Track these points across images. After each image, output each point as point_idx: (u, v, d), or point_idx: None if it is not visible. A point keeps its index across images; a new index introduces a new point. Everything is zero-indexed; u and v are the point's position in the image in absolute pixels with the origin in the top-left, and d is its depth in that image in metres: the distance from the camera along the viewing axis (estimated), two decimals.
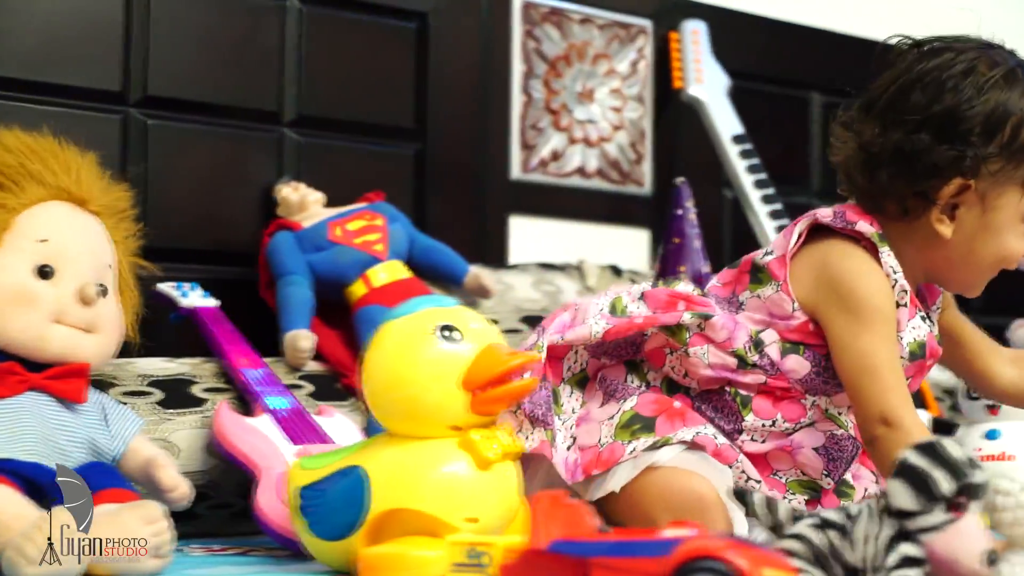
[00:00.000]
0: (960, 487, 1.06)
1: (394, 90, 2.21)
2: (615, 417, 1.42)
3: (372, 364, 1.29)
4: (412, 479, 1.26)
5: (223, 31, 2.06)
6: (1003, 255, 1.45)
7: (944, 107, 1.41)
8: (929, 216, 1.43)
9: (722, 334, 1.43)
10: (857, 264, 1.43)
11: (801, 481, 1.47)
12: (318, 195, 2.01)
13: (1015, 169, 1.42)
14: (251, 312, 1.95)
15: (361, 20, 2.18)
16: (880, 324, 1.40)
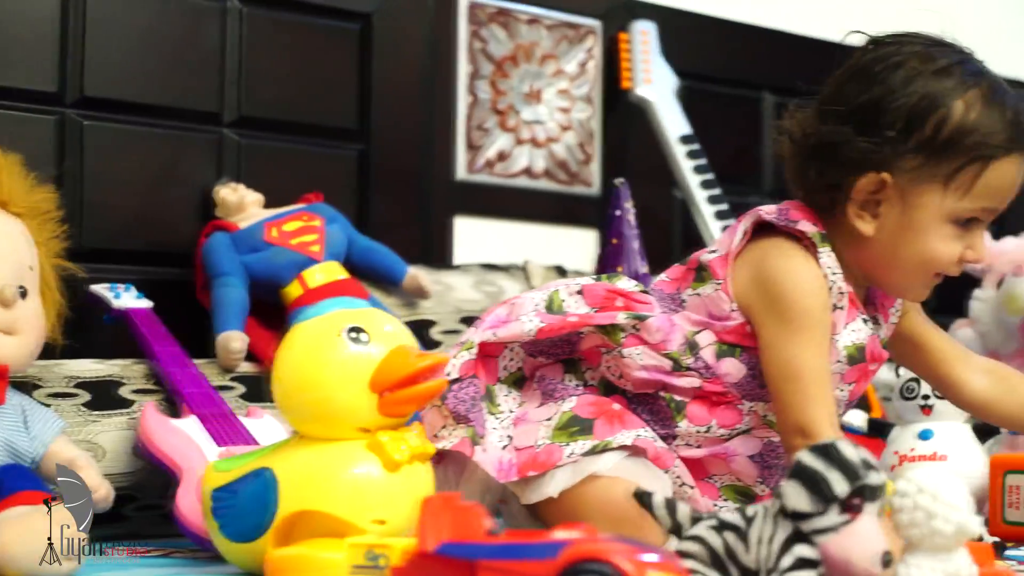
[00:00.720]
0: (855, 489, 1.06)
1: (337, 91, 2.21)
2: (553, 419, 1.40)
3: (281, 366, 1.29)
4: (320, 481, 1.26)
5: (162, 32, 2.05)
6: (927, 257, 1.40)
7: (869, 98, 1.38)
8: (849, 215, 1.40)
9: (657, 336, 1.41)
10: (792, 264, 1.40)
11: (735, 487, 1.46)
12: (256, 196, 2.01)
13: (937, 167, 1.37)
14: (189, 314, 1.95)
15: (303, 21, 2.18)
16: (809, 330, 1.37)
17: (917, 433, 1.84)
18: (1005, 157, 1.37)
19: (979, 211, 1.39)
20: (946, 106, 1.37)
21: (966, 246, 1.41)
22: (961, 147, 1.36)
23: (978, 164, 1.37)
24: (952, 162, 1.37)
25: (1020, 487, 1.69)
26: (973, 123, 1.36)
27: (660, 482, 1.38)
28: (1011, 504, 1.69)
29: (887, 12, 3.05)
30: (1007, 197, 1.41)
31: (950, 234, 1.39)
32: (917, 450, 1.83)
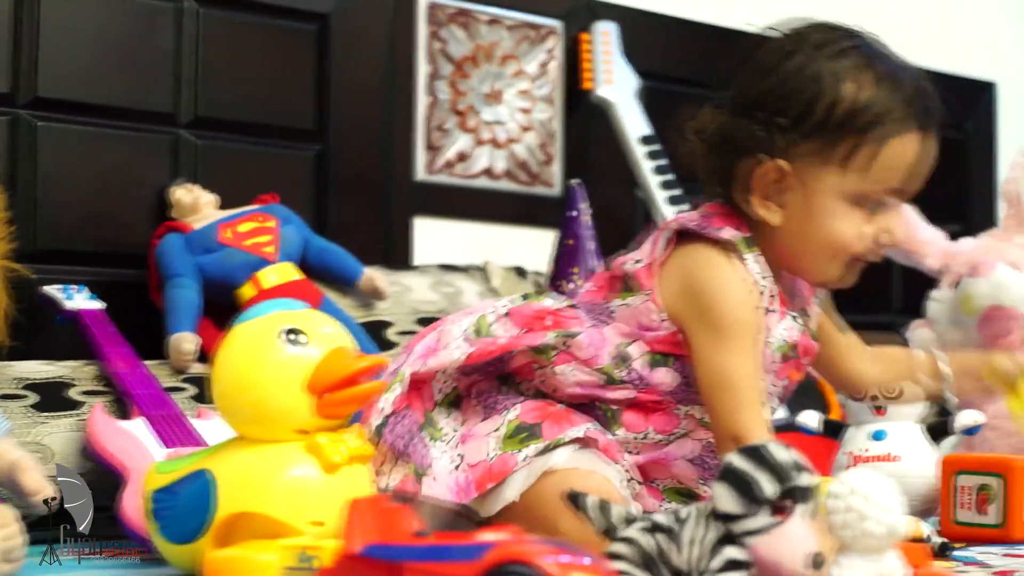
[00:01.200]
0: (784, 490, 1.06)
1: (294, 92, 2.21)
2: (500, 429, 1.40)
3: (219, 368, 1.28)
4: (257, 483, 1.25)
5: (117, 32, 2.04)
6: (834, 239, 1.40)
7: (764, 88, 1.39)
8: (753, 206, 1.40)
9: (587, 351, 1.41)
10: (720, 273, 1.39)
11: (678, 489, 1.47)
12: (211, 197, 2.01)
13: (833, 149, 1.37)
14: (144, 315, 1.94)
15: (260, 22, 2.18)
16: (739, 338, 1.37)
17: (870, 434, 1.84)
18: (902, 135, 1.38)
19: (883, 191, 1.39)
20: (837, 88, 1.37)
21: (881, 229, 1.40)
22: (854, 127, 1.36)
23: (874, 143, 1.36)
24: (847, 143, 1.37)
25: (970, 488, 1.69)
26: (865, 102, 1.36)
27: (612, 469, 1.38)
28: (962, 504, 1.70)
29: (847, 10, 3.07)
30: (912, 176, 1.40)
31: (856, 216, 1.39)
32: (870, 451, 1.83)
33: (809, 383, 2.32)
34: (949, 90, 3.25)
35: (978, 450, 2.00)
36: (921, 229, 2.11)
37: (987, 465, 1.70)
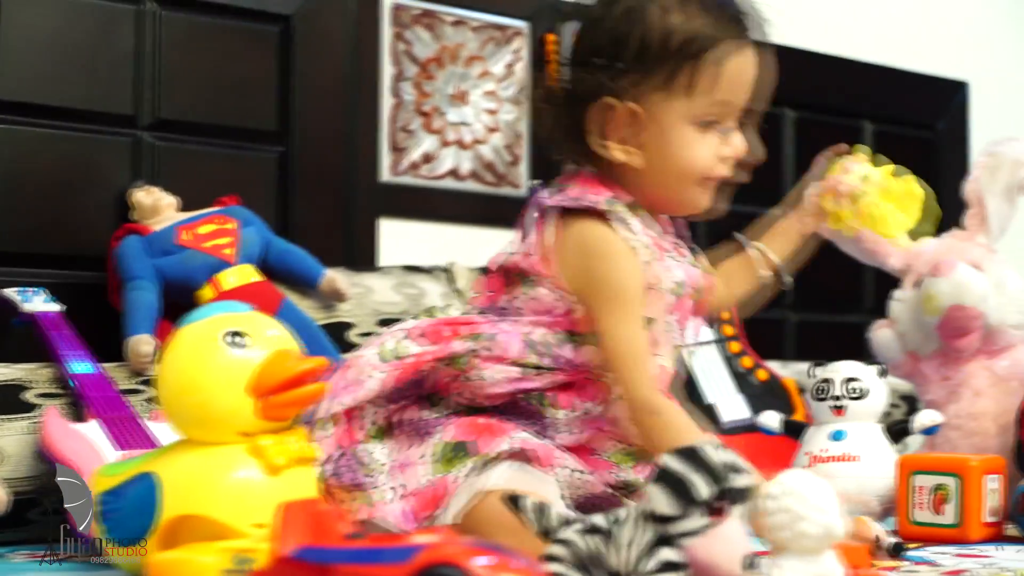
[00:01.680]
0: (719, 491, 1.07)
1: (256, 93, 2.20)
2: (432, 452, 1.40)
3: (163, 370, 1.29)
4: (201, 485, 1.26)
5: (76, 34, 2.03)
6: (695, 166, 1.44)
7: (597, 35, 1.43)
8: (612, 152, 1.43)
9: (502, 349, 1.42)
10: (604, 246, 1.42)
11: (625, 451, 1.47)
12: (171, 199, 2.00)
13: (656, 77, 1.41)
14: (104, 317, 1.94)
15: (221, 24, 2.17)
16: (626, 306, 1.40)
17: (829, 434, 1.85)
18: (716, 48, 1.41)
19: (716, 107, 1.43)
20: (667, 21, 1.41)
21: (737, 147, 1.46)
22: (691, 54, 1.41)
23: (690, 62, 1.41)
24: (687, 71, 1.41)
25: (926, 487, 1.70)
26: (674, 25, 1.41)
27: (547, 485, 1.38)
28: (918, 504, 1.70)
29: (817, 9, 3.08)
30: (738, 87, 1.44)
31: (697, 137, 1.43)
32: (829, 451, 1.83)
33: (774, 383, 2.33)
34: (921, 90, 3.28)
35: (940, 450, 2.00)
36: None
37: (943, 465, 1.70)
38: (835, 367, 1.88)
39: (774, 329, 2.93)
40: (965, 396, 2.01)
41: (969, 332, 1.98)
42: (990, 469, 1.70)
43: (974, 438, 1.99)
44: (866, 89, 3.12)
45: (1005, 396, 1.98)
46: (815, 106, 3.02)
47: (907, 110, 3.20)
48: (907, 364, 2.08)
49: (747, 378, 2.29)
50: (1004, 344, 2.01)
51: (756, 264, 1.65)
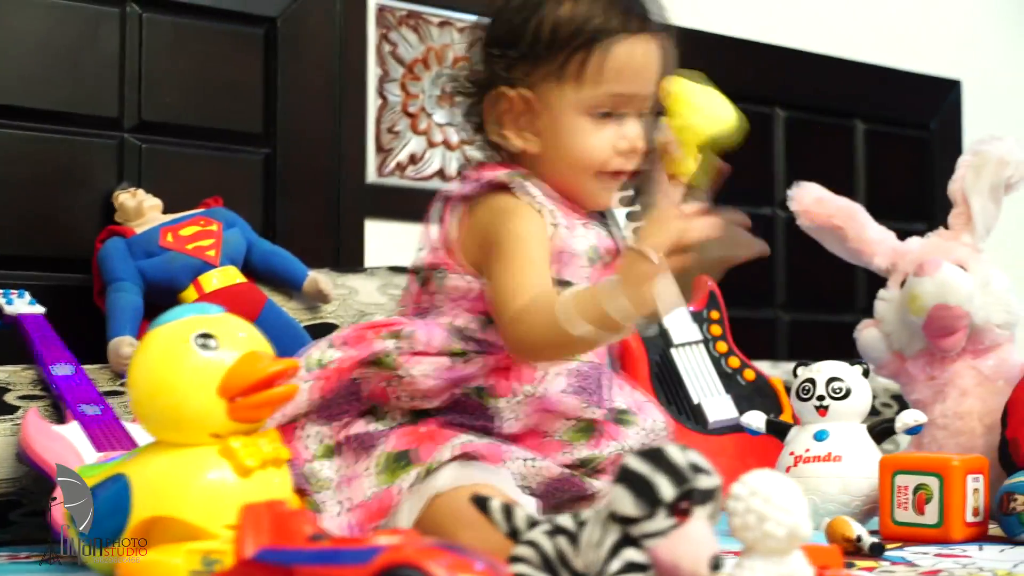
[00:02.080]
0: (682, 492, 1.06)
1: (241, 95, 2.20)
2: (376, 463, 1.40)
3: (133, 372, 1.28)
4: (171, 487, 1.25)
5: (60, 38, 2.04)
6: (578, 155, 1.44)
7: (495, 26, 1.47)
8: (510, 140, 1.45)
9: (418, 343, 1.42)
10: (501, 211, 1.42)
11: (575, 427, 1.45)
12: (155, 201, 2.01)
13: (550, 66, 1.42)
14: (89, 319, 1.94)
15: (205, 26, 2.17)
16: (515, 254, 1.39)
17: (813, 434, 1.84)
18: (624, 40, 1.42)
19: (608, 97, 1.43)
20: (556, 9, 1.43)
21: (630, 137, 1.45)
22: (579, 42, 1.42)
23: (582, 53, 1.42)
24: (576, 58, 1.42)
25: (908, 487, 1.69)
26: (567, 15, 1.42)
27: (499, 476, 1.37)
28: (900, 504, 1.70)
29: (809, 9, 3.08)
30: (632, 77, 1.44)
31: (590, 127, 1.44)
32: (812, 451, 1.83)
33: (762, 383, 2.32)
34: (914, 88, 3.28)
35: (927, 450, 2.00)
36: (869, 228, 2.11)
37: (924, 465, 1.70)
38: (818, 367, 1.88)
39: (766, 329, 2.93)
40: (951, 396, 2.01)
41: (954, 331, 1.98)
42: (972, 469, 1.69)
43: (960, 437, 1.99)
44: (858, 88, 3.12)
45: (991, 395, 1.98)
46: (806, 106, 3.02)
47: (900, 109, 3.19)
48: (893, 364, 2.08)
49: (734, 378, 2.29)
50: (990, 343, 2.01)
51: None
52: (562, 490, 1.41)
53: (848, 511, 1.77)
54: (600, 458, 1.43)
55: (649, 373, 2.22)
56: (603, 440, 1.44)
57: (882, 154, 3.14)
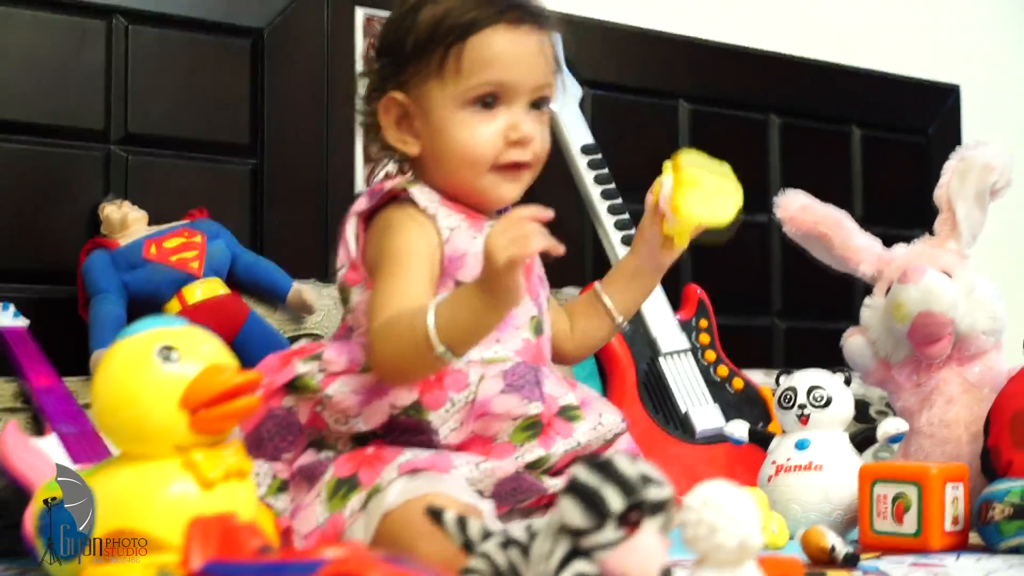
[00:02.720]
0: (632, 504, 1.06)
1: (228, 106, 2.22)
2: (320, 493, 1.39)
3: (97, 385, 1.29)
4: (134, 499, 1.26)
5: (46, 50, 2.06)
6: (462, 148, 1.44)
7: (381, 36, 1.51)
8: (396, 144, 1.47)
9: (342, 361, 1.42)
10: (390, 224, 1.43)
11: (519, 427, 1.43)
12: (140, 214, 2.02)
13: (428, 65, 1.44)
14: (75, 331, 1.95)
15: (192, 38, 2.19)
16: (393, 268, 1.39)
17: (795, 443, 1.84)
18: (483, 30, 1.43)
19: (485, 87, 1.44)
20: (421, 11, 1.45)
21: (508, 127, 1.45)
22: (439, 38, 1.44)
23: (456, 47, 1.43)
24: (438, 54, 1.43)
25: (887, 496, 1.69)
26: (440, 15, 1.44)
27: (448, 483, 1.36)
28: (879, 514, 1.69)
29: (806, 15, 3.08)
30: (509, 67, 1.45)
31: (473, 120, 1.45)
32: (793, 460, 1.83)
33: (750, 392, 2.32)
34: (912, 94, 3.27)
35: (914, 458, 1.99)
36: (855, 235, 2.10)
37: (903, 474, 1.69)
38: (799, 375, 1.88)
39: (763, 337, 2.92)
40: (937, 403, 1.99)
41: (939, 339, 1.97)
42: (951, 477, 1.69)
43: (946, 446, 1.97)
44: (855, 94, 3.11)
45: (977, 403, 1.97)
46: (802, 112, 3.01)
47: (898, 115, 3.19)
48: (879, 371, 2.07)
49: (723, 387, 2.29)
50: (976, 351, 2.00)
51: (611, 311, 1.61)
52: (520, 491, 1.40)
53: (829, 520, 1.77)
54: (552, 456, 1.42)
55: (636, 382, 2.23)
56: (554, 438, 1.42)
57: (879, 160, 3.14)
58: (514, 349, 1.45)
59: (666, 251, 1.58)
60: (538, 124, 1.48)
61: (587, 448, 1.45)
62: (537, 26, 1.48)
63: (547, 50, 1.49)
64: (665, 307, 2.31)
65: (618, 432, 1.49)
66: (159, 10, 2.15)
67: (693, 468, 2.14)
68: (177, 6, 2.16)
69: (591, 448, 1.45)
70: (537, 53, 1.47)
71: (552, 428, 1.42)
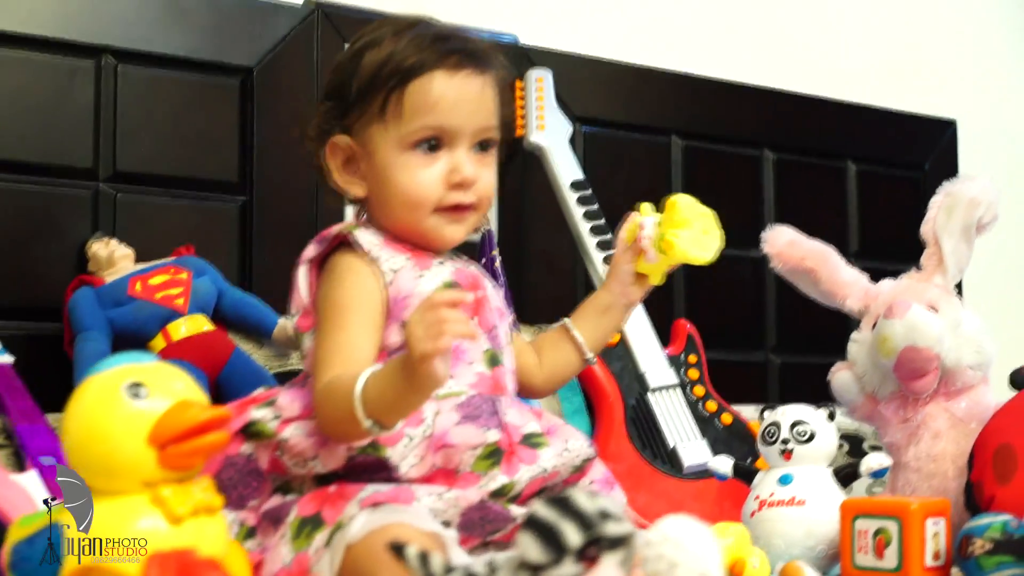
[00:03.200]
0: (590, 539, 1.07)
1: (218, 144, 2.24)
2: (288, 531, 1.39)
3: (67, 421, 1.30)
4: (102, 535, 1.26)
5: (35, 89, 2.09)
6: (403, 190, 1.46)
7: (328, 80, 1.54)
8: (342, 187, 1.50)
9: (295, 407, 1.42)
10: (334, 271, 1.46)
11: (480, 456, 1.42)
12: (127, 251, 2.04)
13: (370, 108, 1.46)
14: (62, 368, 1.96)
15: (181, 76, 2.21)
16: (335, 318, 1.41)
17: (778, 478, 1.84)
18: (421, 75, 1.45)
19: (426, 130, 1.46)
20: (364, 56, 1.48)
21: (449, 169, 1.47)
22: (380, 82, 1.46)
23: (397, 91, 1.45)
24: (379, 98, 1.46)
25: (868, 531, 1.68)
26: (382, 59, 1.46)
27: (411, 513, 1.35)
28: (860, 548, 1.69)
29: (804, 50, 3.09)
30: (450, 110, 1.46)
31: (415, 163, 1.47)
32: (776, 495, 1.82)
33: (739, 427, 2.32)
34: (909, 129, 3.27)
35: (901, 493, 1.99)
36: (842, 270, 2.10)
37: (883, 509, 1.69)
38: (782, 410, 1.88)
39: (757, 372, 2.92)
40: (924, 438, 1.99)
41: (925, 373, 1.97)
42: (932, 512, 1.68)
43: (933, 480, 1.97)
44: (851, 129, 3.12)
45: (964, 438, 1.96)
46: (797, 147, 3.02)
47: (895, 150, 3.19)
48: (866, 406, 2.07)
49: (712, 422, 2.29)
50: (962, 385, 1.99)
51: (563, 337, 1.63)
52: (487, 520, 1.40)
53: (812, 556, 1.77)
54: (517, 483, 1.41)
55: (624, 417, 2.23)
56: (517, 465, 1.42)
57: (876, 195, 3.14)
58: (468, 383, 1.45)
59: (637, 288, 1.61)
60: (482, 166, 1.50)
61: (555, 475, 1.44)
62: (478, 70, 1.49)
63: (489, 93, 1.51)
64: (654, 342, 2.31)
65: (587, 457, 1.48)
66: (148, 49, 2.17)
67: (680, 503, 2.14)
68: (166, 46, 2.18)
69: (560, 475, 1.45)
70: (479, 96, 1.49)
71: (516, 456, 1.42)
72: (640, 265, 1.59)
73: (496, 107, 1.52)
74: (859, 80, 3.17)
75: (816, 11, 3.15)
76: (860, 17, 3.23)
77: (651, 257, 1.58)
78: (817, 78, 3.08)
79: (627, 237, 1.60)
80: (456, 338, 1.25)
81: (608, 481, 1.52)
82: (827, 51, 3.15)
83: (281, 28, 2.29)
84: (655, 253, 1.58)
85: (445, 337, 1.23)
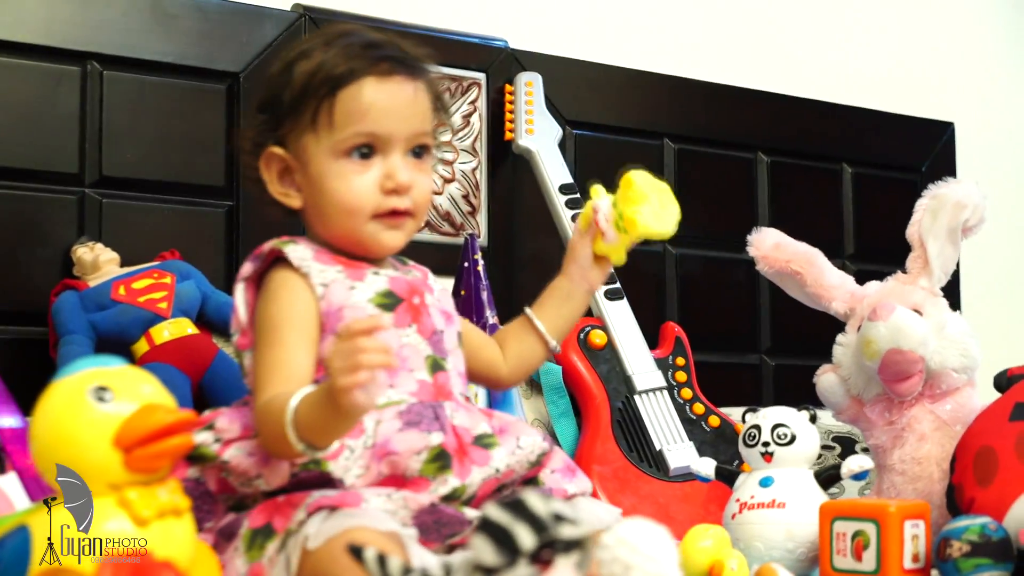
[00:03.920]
0: (544, 541, 1.07)
1: (203, 149, 2.24)
2: (241, 544, 1.39)
3: (34, 424, 1.30)
4: (68, 538, 1.27)
5: (21, 95, 2.09)
6: (339, 198, 1.46)
7: (262, 93, 1.54)
8: (278, 198, 1.50)
9: (235, 428, 1.42)
10: (268, 289, 1.45)
11: (426, 460, 1.41)
12: (112, 255, 2.04)
13: (302, 119, 1.46)
14: (48, 372, 1.96)
15: (167, 82, 2.21)
16: (270, 334, 1.42)
17: (759, 480, 1.84)
18: (351, 83, 1.45)
19: (358, 137, 1.46)
20: (295, 67, 1.48)
21: (383, 176, 1.47)
22: (311, 92, 1.46)
23: (328, 100, 1.45)
24: (309, 108, 1.46)
25: (847, 533, 1.68)
26: (312, 69, 1.46)
27: (365, 515, 1.34)
28: (839, 551, 1.69)
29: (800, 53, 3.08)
30: (381, 117, 1.46)
31: (349, 171, 1.47)
32: (756, 497, 1.82)
33: (726, 429, 2.32)
34: (906, 131, 3.26)
35: (886, 495, 1.99)
36: (828, 273, 2.10)
37: (862, 511, 1.68)
38: (763, 413, 1.88)
39: (751, 375, 2.91)
40: (909, 440, 1.99)
41: (909, 376, 1.97)
42: (910, 515, 1.68)
43: (918, 483, 1.97)
44: (847, 132, 3.11)
45: (949, 440, 1.96)
46: (791, 151, 3.01)
47: (891, 152, 3.18)
48: (852, 408, 2.07)
49: (699, 424, 2.29)
50: (947, 388, 2.00)
51: (544, 336, 1.63)
52: (442, 523, 1.40)
53: (793, 558, 1.76)
54: (470, 486, 1.41)
55: (611, 420, 2.23)
56: (469, 467, 1.42)
57: (873, 198, 3.13)
58: (409, 391, 1.45)
59: (597, 271, 1.62)
60: (418, 172, 1.49)
61: (510, 474, 1.44)
62: (410, 76, 1.49)
63: (423, 98, 1.51)
64: (642, 345, 2.31)
65: (542, 453, 1.48)
66: (134, 55, 2.18)
67: (666, 506, 2.14)
68: (152, 51, 2.19)
69: (516, 473, 1.45)
70: (411, 102, 1.49)
71: (468, 457, 1.42)
72: (599, 246, 1.59)
73: (430, 113, 1.52)
74: (856, 82, 3.16)
75: (810, 13, 3.14)
76: (856, 19, 3.22)
77: (610, 238, 1.58)
78: (812, 81, 3.07)
79: (582, 223, 1.61)
80: (373, 369, 1.24)
81: (569, 468, 1.52)
82: (822, 53, 3.14)
83: (268, 34, 2.30)
84: (614, 233, 1.57)
85: (361, 371, 1.23)
